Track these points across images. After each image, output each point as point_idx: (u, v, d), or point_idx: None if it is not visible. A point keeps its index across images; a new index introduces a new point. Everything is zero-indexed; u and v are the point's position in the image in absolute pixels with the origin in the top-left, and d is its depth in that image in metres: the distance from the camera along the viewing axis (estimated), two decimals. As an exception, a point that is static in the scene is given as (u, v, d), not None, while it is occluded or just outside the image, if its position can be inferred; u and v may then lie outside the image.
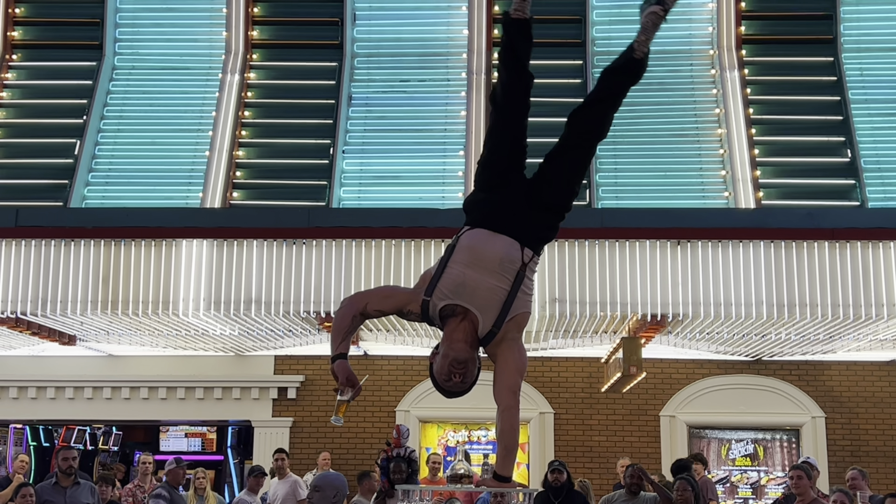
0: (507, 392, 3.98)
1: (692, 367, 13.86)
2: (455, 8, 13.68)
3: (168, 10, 13.87)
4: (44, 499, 9.43)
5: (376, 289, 4.38)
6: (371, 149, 12.94)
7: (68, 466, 9.53)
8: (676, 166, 12.64)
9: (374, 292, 4.26)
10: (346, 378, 4.03)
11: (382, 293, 4.29)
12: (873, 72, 13.11)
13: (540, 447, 13.68)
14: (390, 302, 4.15)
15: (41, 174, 12.94)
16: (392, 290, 4.34)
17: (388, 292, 4.32)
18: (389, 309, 4.15)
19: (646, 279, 9.88)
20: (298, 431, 13.99)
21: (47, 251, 10.15)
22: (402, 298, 4.13)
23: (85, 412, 14.32)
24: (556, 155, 4.17)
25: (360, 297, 4.16)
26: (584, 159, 4.24)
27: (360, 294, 4.22)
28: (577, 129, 4.19)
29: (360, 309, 4.11)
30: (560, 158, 4.17)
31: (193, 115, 13.26)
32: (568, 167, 4.19)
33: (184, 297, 10.10)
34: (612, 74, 4.27)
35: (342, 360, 4.05)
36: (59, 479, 9.56)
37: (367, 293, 4.23)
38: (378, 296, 4.20)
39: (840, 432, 13.69)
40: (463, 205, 4.29)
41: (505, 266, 4.02)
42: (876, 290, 9.74)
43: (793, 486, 9.34)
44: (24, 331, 11.01)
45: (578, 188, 4.25)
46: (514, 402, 3.97)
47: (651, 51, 4.24)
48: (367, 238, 10.00)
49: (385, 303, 4.15)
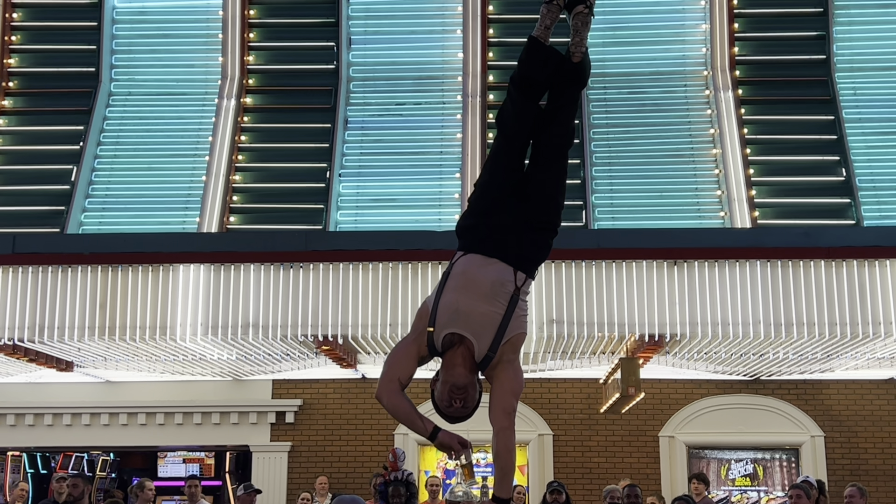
0: (501, 414, 3.98)
1: (690, 388, 13.85)
2: (450, 31, 13.75)
3: (164, 36, 13.92)
4: None
5: (391, 360, 4.20)
6: (367, 172, 12.98)
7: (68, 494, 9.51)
8: (672, 186, 12.67)
9: (393, 365, 4.14)
10: (458, 441, 4.00)
11: (398, 359, 4.15)
12: (867, 91, 13.17)
13: (539, 469, 13.64)
14: (410, 361, 4.10)
15: (38, 201, 12.94)
16: (403, 350, 4.18)
17: (401, 354, 4.17)
18: (414, 367, 4.11)
19: (643, 300, 9.88)
20: (297, 456, 13.95)
21: (44, 277, 10.15)
22: (413, 350, 4.10)
23: (82, 439, 14.26)
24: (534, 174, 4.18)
25: (389, 378, 4.09)
26: (562, 173, 4.25)
27: (385, 377, 4.10)
28: (546, 146, 4.20)
29: (396, 388, 4.06)
30: (539, 176, 4.18)
31: (190, 140, 13.29)
32: (549, 184, 4.20)
33: (181, 322, 10.09)
34: (561, 85, 4.23)
35: (441, 431, 4.01)
36: None
37: (389, 370, 4.12)
38: (398, 365, 4.12)
39: (839, 451, 13.66)
40: (455, 229, 4.29)
41: (497, 290, 4.03)
42: (873, 308, 9.74)
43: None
44: (22, 357, 10.99)
45: (563, 201, 4.25)
46: (508, 423, 3.97)
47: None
48: (364, 261, 10.01)
49: (408, 365, 4.10)
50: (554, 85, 4.24)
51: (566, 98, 4.24)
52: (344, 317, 9.95)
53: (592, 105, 13.09)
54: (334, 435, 13.93)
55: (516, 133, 4.24)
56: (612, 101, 13.17)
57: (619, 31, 13.39)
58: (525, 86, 4.25)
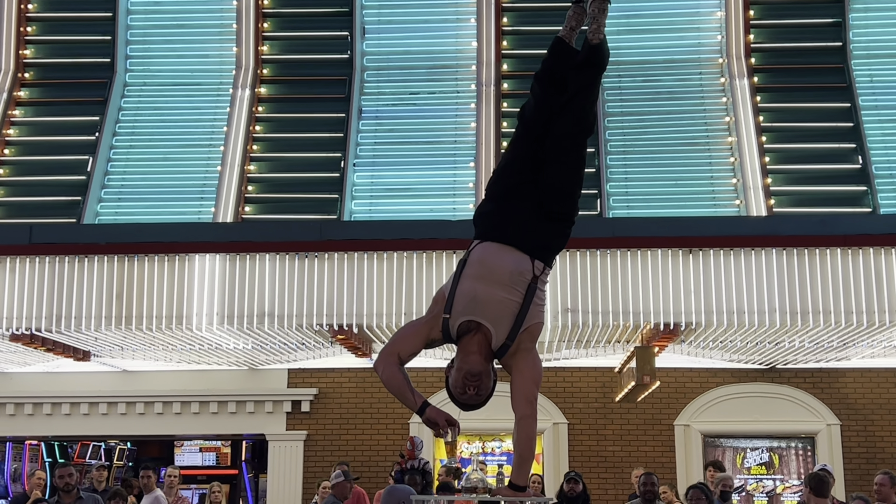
0: (524, 402, 4.00)
1: (706, 376, 13.83)
2: (464, 20, 13.71)
3: (178, 27, 13.94)
4: None
5: (399, 333, 4.26)
6: (382, 161, 12.97)
7: (65, 484, 9.54)
8: (687, 175, 12.63)
9: (398, 340, 4.19)
10: (445, 419, 4.01)
11: (405, 336, 4.20)
12: (883, 78, 13.09)
13: (554, 458, 13.64)
14: (416, 340, 4.13)
15: (54, 191, 12.99)
16: (412, 328, 4.23)
17: (409, 332, 4.22)
18: (418, 346, 4.13)
19: (658, 288, 9.87)
20: (312, 444, 14.01)
21: (61, 268, 10.20)
22: (423, 330, 4.13)
23: (100, 428, 14.36)
24: (551, 163, 4.17)
25: (390, 351, 4.13)
26: (580, 161, 4.25)
27: (387, 349, 4.15)
28: (564, 135, 4.18)
29: (395, 361, 4.09)
30: (555, 166, 4.17)
31: (205, 131, 13.31)
32: (566, 174, 4.19)
33: (197, 312, 10.13)
34: (579, 70, 4.22)
35: (429, 406, 4.03)
36: (61, 497, 9.57)
37: (393, 344, 4.17)
38: (403, 340, 4.16)
39: (856, 440, 13.63)
40: (473, 217, 4.30)
41: (515, 279, 4.03)
42: (889, 296, 9.71)
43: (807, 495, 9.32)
44: (39, 347, 11.05)
45: (580, 191, 4.25)
46: (530, 411, 3.99)
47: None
48: (378, 250, 10.03)
49: (413, 343, 4.13)
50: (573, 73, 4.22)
51: (583, 81, 4.21)
52: (359, 306, 9.97)
53: (607, 93, 13.04)
54: (350, 423, 13.98)
55: (535, 122, 4.25)
56: (627, 89, 13.13)
57: (634, 18, 13.33)
58: (546, 78, 4.27)
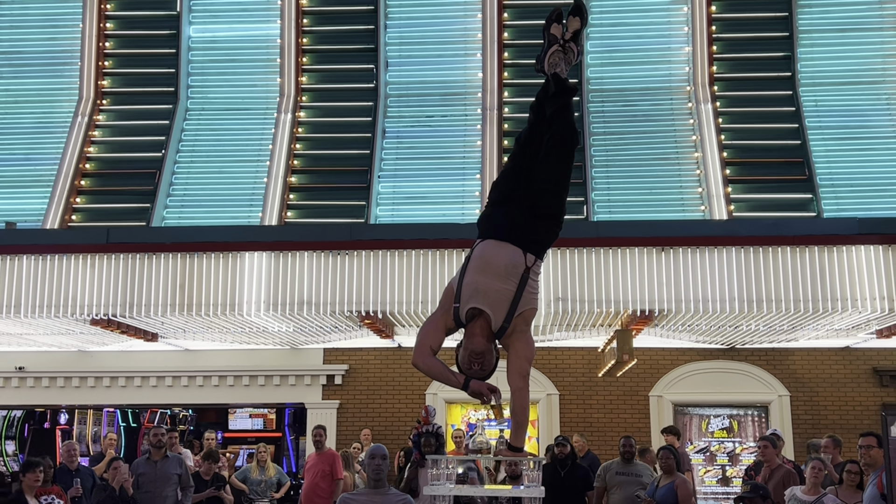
0: (517, 376, 4.00)
1: (676, 354, 13.79)
2: (471, 55, 13.70)
3: (231, 61, 13.96)
4: (139, 471, 9.46)
5: (423, 330, 4.20)
6: (402, 174, 12.97)
7: (157, 441, 9.56)
8: (660, 185, 12.59)
9: (424, 335, 4.14)
10: (488, 388, 3.98)
11: (429, 331, 4.14)
12: (826, 103, 13.03)
13: (547, 423, 13.64)
14: (439, 332, 4.10)
15: (128, 199, 13.03)
16: (432, 322, 4.17)
17: (431, 326, 4.16)
18: (443, 337, 4.11)
19: (635, 280, 9.84)
20: (344, 412, 14.02)
21: (133, 263, 10.22)
22: (441, 322, 4.10)
23: (165, 397, 14.41)
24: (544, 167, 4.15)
25: (423, 347, 4.09)
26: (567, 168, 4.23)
27: (419, 346, 4.11)
28: (550, 151, 4.16)
29: (429, 353, 4.06)
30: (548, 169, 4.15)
31: (253, 148, 13.33)
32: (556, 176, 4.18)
33: (247, 300, 10.13)
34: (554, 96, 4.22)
35: (472, 380, 3.99)
36: (152, 453, 9.58)
37: (422, 341, 4.12)
38: (428, 335, 4.12)
39: (802, 408, 13.57)
40: (476, 222, 4.30)
41: (510, 270, 4.03)
42: (832, 287, 9.65)
43: (760, 454, 9.33)
44: (115, 330, 11.10)
45: (566, 195, 4.23)
46: (523, 384, 3.99)
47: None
48: (399, 249, 10.01)
49: (437, 336, 4.10)
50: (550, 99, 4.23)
51: (550, 108, 4.21)
52: (383, 295, 9.96)
53: (592, 116, 13.01)
54: (375, 394, 13.98)
55: (527, 142, 4.26)
56: (609, 112, 13.10)
57: (615, 52, 13.31)
58: (537, 107, 4.28)
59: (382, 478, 6.34)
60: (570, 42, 4.22)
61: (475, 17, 13.75)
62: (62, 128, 13.58)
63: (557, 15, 4.28)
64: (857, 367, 13.62)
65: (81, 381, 14.19)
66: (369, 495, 6.22)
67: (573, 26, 4.23)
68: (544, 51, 4.27)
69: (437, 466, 4.17)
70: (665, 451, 9.15)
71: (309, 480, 10.55)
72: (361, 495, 6.34)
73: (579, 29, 4.22)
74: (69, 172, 13.13)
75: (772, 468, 8.97)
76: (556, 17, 4.27)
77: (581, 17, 4.22)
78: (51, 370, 14.14)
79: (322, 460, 10.58)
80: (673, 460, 8.97)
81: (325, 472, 10.48)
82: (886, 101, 12.96)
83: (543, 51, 4.28)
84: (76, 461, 9.85)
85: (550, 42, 4.26)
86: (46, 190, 13.01)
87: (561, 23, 4.26)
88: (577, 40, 4.24)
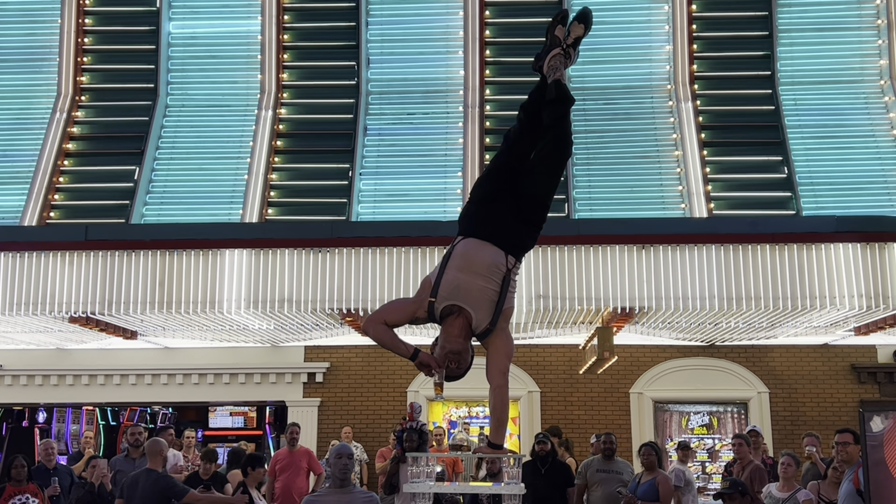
0: (497, 373, 3.98)
1: (656, 352, 13.85)
2: (453, 52, 13.69)
3: (211, 57, 13.89)
4: (117, 468, 9.39)
5: (388, 305, 4.22)
6: (383, 171, 12.94)
7: (135, 440, 9.50)
8: (640, 183, 12.63)
9: (387, 309, 4.14)
10: (435, 362, 3.96)
11: (393, 308, 4.15)
12: (805, 102, 13.12)
13: (529, 421, 13.65)
14: (402, 314, 4.08)
15: (106, 196, 12.95)
16: (401, 304, 4.19)
17: (397, 306, 4.18)
18: (403, 320, 4.08)
19: (616, 278, 9.87)
20: (325, 409, 13.98)
21: (112, 260, 10.15)
22: (410, 308, 4.07)
23: (145, 395, 14.31)
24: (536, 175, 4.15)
25: (377, 317, 4.07)
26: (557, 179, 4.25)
27: (374, 316, 4.10)
28: (542, 158, 4.17)
29: (381, 324, 4.04)
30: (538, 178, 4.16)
31: (234, 145, 13.27)
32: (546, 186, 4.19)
33: (227, 298, 10.09)
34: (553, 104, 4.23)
35: (420, 352, 3.99)
36: (130, 451, 9.52)
37: (382, 311, 4.12)
38: (390, 311, 4.11)
39: (781, 405, 13.66)
40: (458, 217, 4.28)
41: (492, 270, 4.00)
42: (810, 285, 9.72)
43: (735, 451, 9.42)
44: (94, 328, 11.01)
45: (550, 203, 4.24)
46: (503, 381, 3.97)
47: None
48: (380, 246, 10.00)
49: (399, 315, 4.08)
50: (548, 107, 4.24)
51: (549, 117, 4.22)
52: (364, 292, 9.94)
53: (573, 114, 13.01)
54: (356, 392, 13.95)
55: (517, 142, 4.25)
56: (590, 110, 13.12)
57: (596, 50, 13.31)
58: (529, 108, 4.28)
59: (348, 477, 6.32)
60: (571, 48, 4.23)
61: (457, 14, 13.74)
62: (40, 124, 13.47)
63: (563, 17, 4.27)
64: (836, 364, 13.71)
65: (60, 379, 14.08)
66: (334, 494, 6.20)
67: (576, 32, 4.23)
68: (545, 51, 4.27)
69: (417, 464, 4.16)
70: (647, 447, 9.19)
71: (284, 478, 10.47)
72: (326, 495, 6.32)
73: (581, 36, 4.23)
74: (47, 169, 13.03)
75: (744, 465, 9.04)
76: (560, 19, 4.27)
77: (586, 25, 4.22)
78: (29, 368, 14.02)
79: (297, 457, 10.53)
80: (654, 457, 9.02)
81: (301, 468, 10.43)
82: (865, 100, 13.07)
83: (544, 51, 4.27)
84: (54, 460, 9.76)
85: (553, 43, 4.25)
86: (24, 187, 12.90)
87: (565, 25, 4.26)
88: (576, 47, 4.25)
